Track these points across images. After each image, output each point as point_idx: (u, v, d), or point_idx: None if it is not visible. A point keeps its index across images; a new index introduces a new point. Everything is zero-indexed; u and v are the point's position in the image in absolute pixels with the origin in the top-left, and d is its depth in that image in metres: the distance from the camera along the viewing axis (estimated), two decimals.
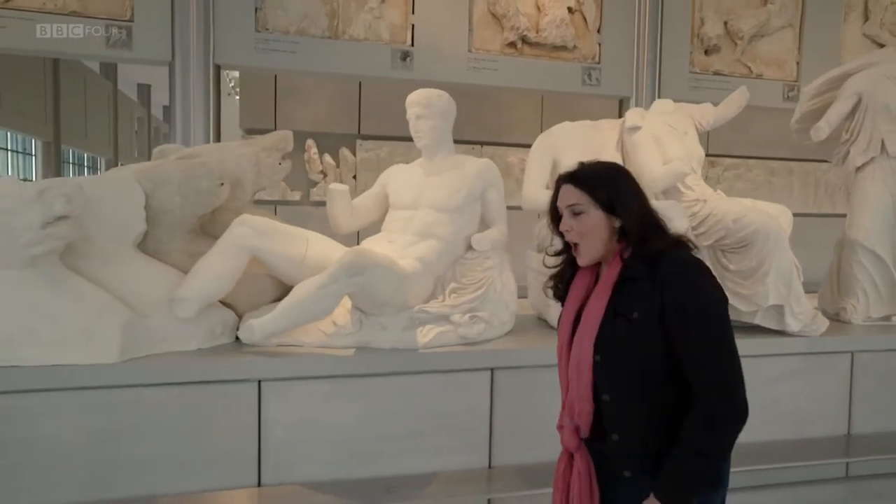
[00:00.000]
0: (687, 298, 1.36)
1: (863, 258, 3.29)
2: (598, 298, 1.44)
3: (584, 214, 1.47)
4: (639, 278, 1.41)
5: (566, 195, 1.50)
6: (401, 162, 8.37)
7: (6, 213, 2.09)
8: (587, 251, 1.48)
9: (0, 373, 2.19)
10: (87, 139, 14.80)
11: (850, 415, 3.16)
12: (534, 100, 8.90)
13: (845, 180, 8.06)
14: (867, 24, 5.87)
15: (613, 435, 1.42)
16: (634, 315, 1.38)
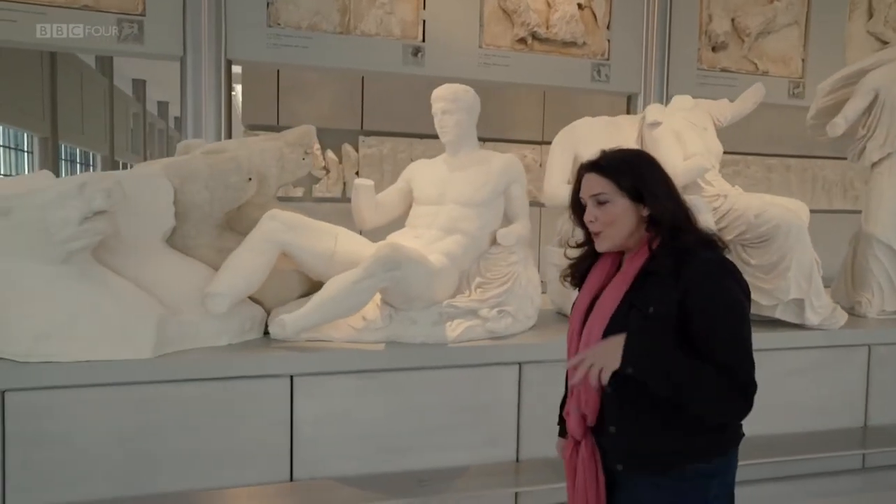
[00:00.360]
0: (717, 301, 1.34)
1: (878, 252, 3.34)
2: (615, 289, 1.42)
3: (609, 204, 1.43)
4: (661, 273, 1.37)
5: (590, 184, 1.46)
6: (403, 157, 8.33)
7: (42, 209, 2.08)
8: (609, 238, 1.44)
9: (36, 369, 2.19)
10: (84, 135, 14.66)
11: (866, 407, 3.20)
12: (536, 96, 8.92)
13: (842, 176, 8.13)
14: (871, 21, 5.92)
15: (611, 427, 1.41)
16: (650, 310, 1.36)
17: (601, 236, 1.45)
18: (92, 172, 2.51)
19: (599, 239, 1.46)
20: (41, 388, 2.20)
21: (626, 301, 1.39)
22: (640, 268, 1.41)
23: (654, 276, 1.38)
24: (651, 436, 1.38)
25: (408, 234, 2.88)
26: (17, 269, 2.19)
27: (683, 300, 1.34)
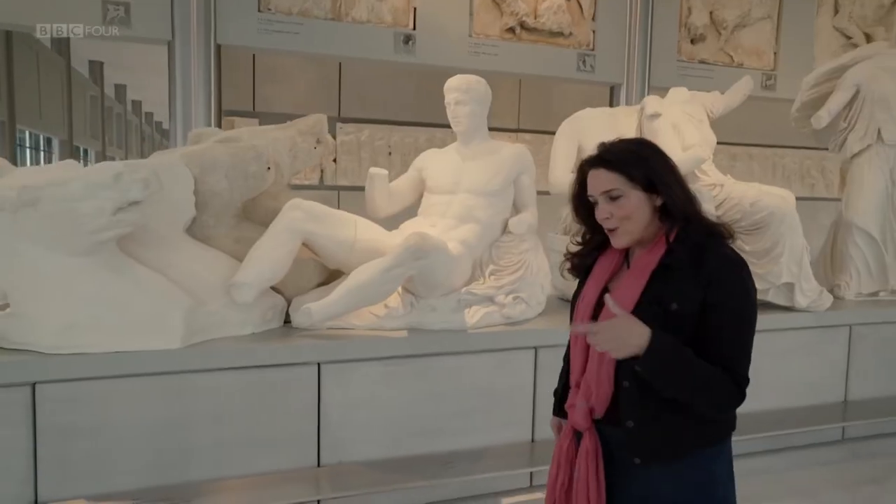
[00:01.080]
0: (736, 300, 1.34)
1: (858, 238, 3.55)
2: (634, 284, 1.37)
3: (622, 198, 1.37)
4: (679, 268, 1.34)
5: (599, 181, 1.40)
6: (380, 145, 8.31)
7: (73, 200, 2.06)
8: (627, 233, 1.39)
9: (65, 361, 2.17)
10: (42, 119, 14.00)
11: (847, 383, 3.43)
12: (512, 84, 8.99)
13: (800, 165, 8.50)
14: (837, 16, 6.19)
15: (628, 422, 1.36)
16: (673, 307, 1.32)
17: (619, 232, 1.40)
18: (126, 162, 2.45)
19: (617, 235, 1.40)
20: (71, 380, 2.19)
21: (646, 296, 1.35)
22: (657, 261, 1.37)
23: (671, 269, 1.35)
24: (669, 428, 1.36)
25: (422, 223, 2.93)
26: (44, 261, 2.16)
27: (705, 297, 1.32)
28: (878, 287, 3.66)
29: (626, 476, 1.40)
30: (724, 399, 1.32)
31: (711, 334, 1.32)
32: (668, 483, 1.37)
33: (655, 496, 1.38)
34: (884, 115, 3.47)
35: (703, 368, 1.29)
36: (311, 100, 7.96)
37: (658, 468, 1.37)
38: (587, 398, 1.41)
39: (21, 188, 2.04)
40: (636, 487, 1.39)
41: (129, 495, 2.23)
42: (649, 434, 1.36)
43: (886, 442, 3.37)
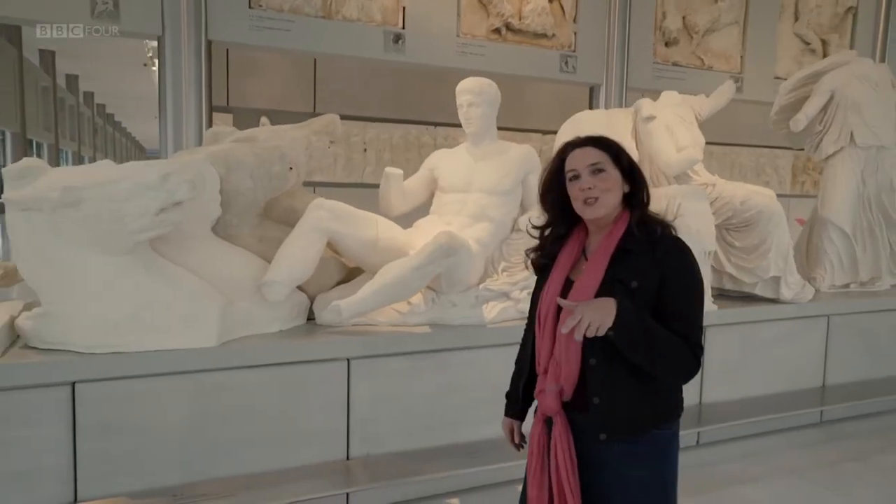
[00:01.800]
0: (687, 277, 1.46)
1: (832, 234, 3.82)
2: (596, 266, 1.47)
3: (605, 172, 1.47)
4: (636, 251, 1.46)
5: (586, 155, 1.49)
6: (356, 141, 8.36)
7: (117, 200, 2.06)
8: (603, 206, 1.48)
9: (105, 360, 2.19)
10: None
11: (825, 369, 3.69)
12: None
13: (756, 162, 8.95)
14: (797, 23, 6.53)
15: (594, 398, 1.44)
16: (633, 284, 1.42)
17: (597, 203, 1.47)
18: (172, 162, 2.44)
19: (596, 206, 1.47)
20: (110, 379, 2.20)
21: (609, 276, 1.45)
22: (617, 244, 1.47)
23: (628, 253, 1.46)
24: (632, 402, 1.45)
25: (437, 221, 3.01)
26: (80, 261, 2.16)
27: (662, 274, 1.44)
28: (850, 279, 3.94)
29: (590, 458, 1.47)
30: (684, 365, 1.42)
31: (669, 309, 1.43)
32: (627, 459, 1.46)
33: (616, 472, 1.46)
34: (856, 120, 3.74)
35: (664, 332, 1.40)
36: (287, 95, 7.94)
37: (619, 445, 1.45)
38: (557, 379, 1.47)
39: (64, 189, 2.04)
40: (599, 466, 1.47)
41: (169, 491, 2.26)
42: (614, 409, 1.44)
43: (862, 423, 3.65)
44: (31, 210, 2.10)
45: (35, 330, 2.21)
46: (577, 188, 1.49)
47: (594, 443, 1.46)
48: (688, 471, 1.51)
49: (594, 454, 1.47)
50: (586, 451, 1.47)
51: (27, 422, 2.10)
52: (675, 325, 1.42)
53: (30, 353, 2.19)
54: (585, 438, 1.47)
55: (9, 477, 2.09)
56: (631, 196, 1.52)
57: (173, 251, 2.40)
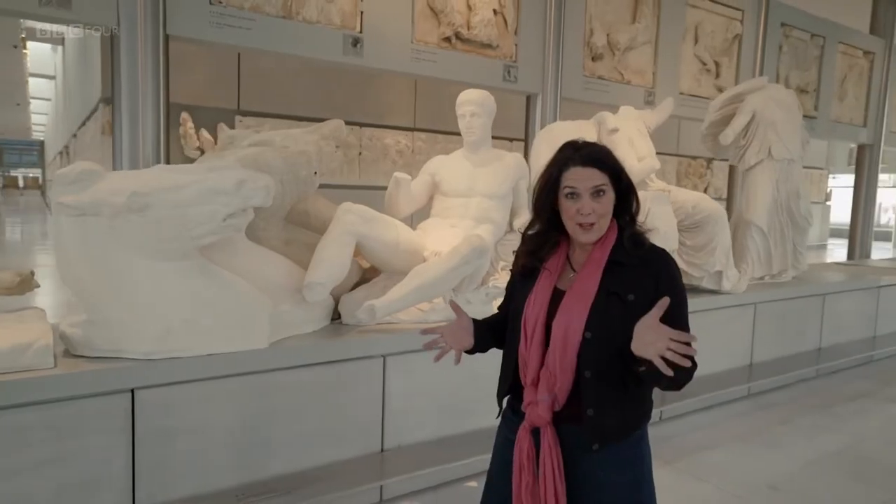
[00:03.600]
0: (679, 289, 1.46)
1: (754, 234, 4.45)
2: (590, 277, 1.45)
3: (604, 196, 1.44)
4: (628, 264, 1.45)
5: (590, 177, 1.43)
6: None
7: (185, 206, 2.08)
8: (599, 230, 1.46)
9: (162, 366, 2.19)
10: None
11: (752, 349, 4.30)
12: (407, 86, 9.35)
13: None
14: (696, 46, 7.33)
15: (589, 410, 1.42)
16: (630, 297, 1.41)
17: (595, 228, 1.45)
18: (245, 169, 2.39)
19: (593, 230, 1.45)
20: (168, 385, 2.20)
21: (603, 288, 1.43)
22: (607, 256, 1.46)
23: (620, 265, 1.44)
24: (621, 411, 1.45)
25: (442, 223, 3.20)
26: (136, 266, 2.14)
27: (656, 287, 1.41)
28: (765, 272, 4.61)
29: (575, 467, 1.46)
30: (687, 374, 1.40)
31: (667, 322, 1.36)
32: (612, 465, 1.46)
33: (603, 479, 1.46)
34: (773, 136, 4.39)
35: None
36: (209, 90, 7.73)
37: (605, 453, 1.44)
38: (550, 389, 1.44)
39: (131, 194, 2.02)
40: (584, 475, 1.46)
41: (229, 493, 2.29)
42: (606, 420, 1.42)
43: (781, 393, 4.31)
44: (87, 215, 2.06)
45: (85, 338, 2.16)
46: (574, 209, 1.44)
47: (582, 453, 1.45)
48: (656, 445, 1.54)
49: (580, 464, 1.45)
50: (572, 461, 1.45)
51: (88, 431, 2.06)
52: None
53: (81, 361, 2.14)
54: (573, 449, 1.45)
55: (71, 487, 2.04)
56: (620, 210, 1.49)
57: (217, 255, 2.41)
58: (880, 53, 8.95)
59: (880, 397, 4.49)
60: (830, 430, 3.80)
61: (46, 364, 2.04)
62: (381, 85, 9.04)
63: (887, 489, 3.07)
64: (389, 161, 9.07)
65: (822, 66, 8.24)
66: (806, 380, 4.63)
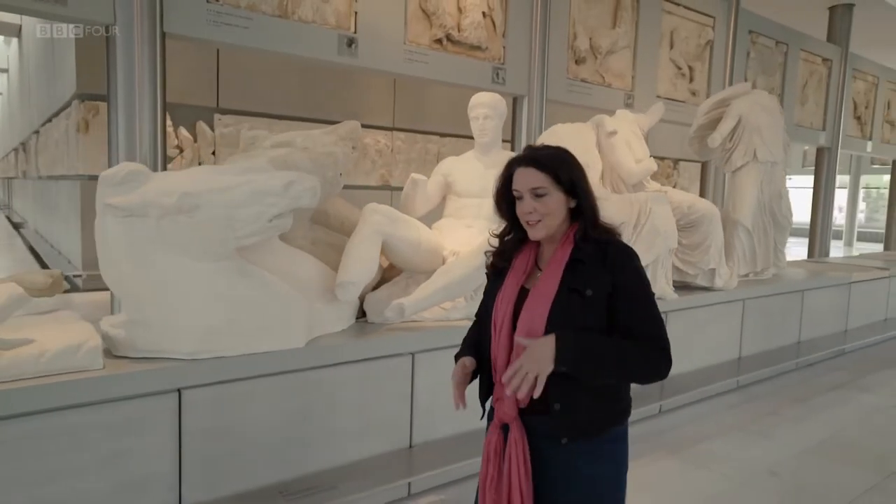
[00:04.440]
0: (637, 280, 1.50)
1: (741, 233, 4.66)
2: (552, 276, 1.48)
3: (546, 196, 1.48)
4: (587, 261, 1.48)
5: (528, 178, 1.49)
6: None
7: (233, 206, 2.10)
8: (545, 227, 1.50)
9: (207, 365, 2.20)
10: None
11: (740, 343, 4.51)
12: (386, 85, 9.36)
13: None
14: (672, 51, 7.58)
15: (555, 404, 1.44)
16: (588, 292, 1.45)
17: (539, 226, 1.49)
18: (292, 171, 2.38)
19: (537, 228, 1.50)
20: (213, 384, 2.22)
21: (563, 286, 1.46)
22: (569, 255, 1.49)
23: (580, 263, 1.48)
24: (590, 406, 1.47)
25: (457, 224, 3.28)
26: (181, 267, 2.15)
27: (613, 280, 1.46)
28: (750, 269, 4.83)
29: (548, 461, 1.48)
30: (655, 366, 1.45)
31: (627, 313, 1.45)
32: (585, 460, 1.48)
33: (575, 474, 1.48)
34: (758, 140, 4.61)
35: (622, 345, 1.42)
36: (188, 88, 7.62)
37: (578, 447, 1.47)
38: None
39: (182, 195, 2.03)
40: (556, 469, 1.48)
41: (272, 489, 2.32)
42: (574, 414, 1.45)
43: (766, 385, 4.52)
44: (134, 216, 2.05)
45: (129, 339, 2.15)
46: (520, 209, 1.51)
47: (554, 445, 1.47)
48: (657, 437, 1.48)
49: (552, 456, 1.48)
50: (544, 453, 1.47)
51: (139, 431, 2.07)
52: (638, 328, 1.45)
53: (125, 362, 2.14)
54: (544, 441, 1.47)
55: (125, 486, 2.05)
56: (577, 210, 1.53)
57: (254, 255, 2.43)
58: (837, 60, 9.39)
59: (854, 388, 4.76)
60: (814, 420, 4.02)
61: (96, 365, 2.03)
62: (361, 84, 9.03)
63: (875, 472, 3.28)
64: (369, 161, 9.07)
65: (786, 71, 8.60)
66: (787, 372, 4.87)
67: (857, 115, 10.27)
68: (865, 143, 10.61)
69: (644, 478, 3.04)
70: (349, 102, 8.93)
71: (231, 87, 8.00)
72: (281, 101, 8.33)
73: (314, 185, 2.19)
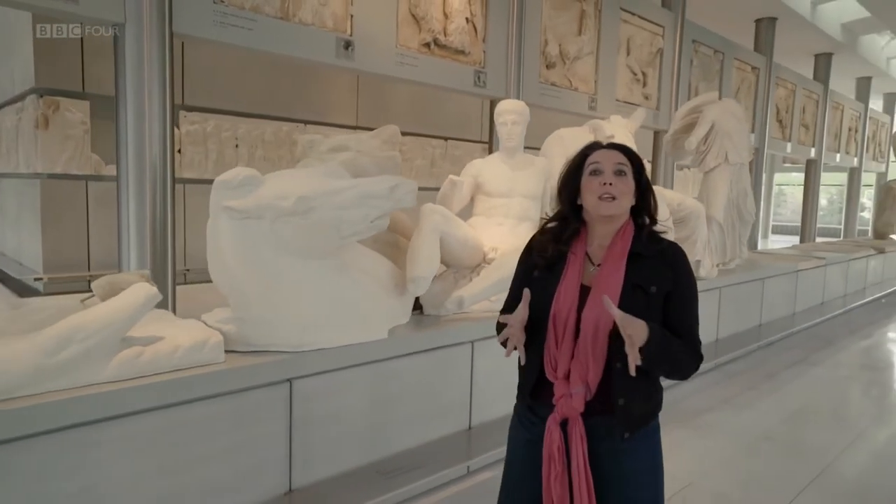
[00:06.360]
0: (691, 281, 1.53)
1: (714, 228, 5.15)
2: (616, 270, 1.47)
3: (626, 176, 1.49)
4: (647, 255, 1.48)
5: (614, 156, 1.51)
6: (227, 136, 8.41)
7: (342, 208, 2.25)
8: (618, 205, 1.48)
9: (311, 357, 2.36)
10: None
11: (717, 327, 4.99)
12: (349, 83, 9.44)
13: None
14: (628, 57, 8.10)
15: (620, 399, 1.45)
16: (652, 289, 1.45)
17: (614, 202, 1.48)
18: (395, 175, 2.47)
19: (612, 204, 1.48)
20: (318, 374, 2.37)
21: (628, 281, 1.46)
22: (629, 247, 1.49)
23: (640, 257, 1.48)
24: (645, 399, 1.49)
25: (489, 222, 3.52)
26: (287, 266, 2.29)
27: (674, 278, 1.48)
28: (720, 260, 5.34)
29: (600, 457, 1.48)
30: (692, 365, 1.50)
31: (678, 312, 1.48)
32: (636, 453, 1.51)
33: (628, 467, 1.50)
34: (729, 144, 5.11)
35: (678, 343, 1.45)
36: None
37: (629, 443, 1.49)
38: (583, 381, 1.46)
39: (298, 199, 2.18)
40: (609, 466, 1.49)
41: (367, 469, 2.49)
42: (635, 408, 1.47)
43: (740, 363, 5.04)
44: (250, 218, 2.17)
45: (240, 334, 2.27)
46: (597, 182, 1.49)
47: (608, 444, 1.48)
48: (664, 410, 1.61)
49: (605, 455, 1.49)
50: (597, 453, 1.48)
51: (258, 419, 2.21)
52: (681, 327, 1.48)
53: (236, 356, 2.25)
54: (598, 440, 1.48)
55: (240, 474, 2.18)
56: (638, 209, 1.55)
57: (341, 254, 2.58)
58: (763, 69, 10.23)
59: (806, 363, 5.35)
60: (785, 391, 4.54)
61: (219, 359, 2.15)
62: (325, 82, 9.07)
63: (850, 432, 3.79)
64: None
65: (722, 78, 9.32)
66: (752, 351, 5.42)
67: (779, 118, 11.22)
68: (786, 144, 11.62)
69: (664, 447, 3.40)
70: (313, 101, 8.97)
71: (196, 85, 7.87)
72: (246, 98, 8.27)
73: (414, 188, 2.37)
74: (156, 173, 3.55)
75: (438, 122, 10.09)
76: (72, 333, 1.80)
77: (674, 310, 1.48)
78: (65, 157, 7.13)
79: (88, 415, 1.79)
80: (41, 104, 6.89)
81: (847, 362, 5.35)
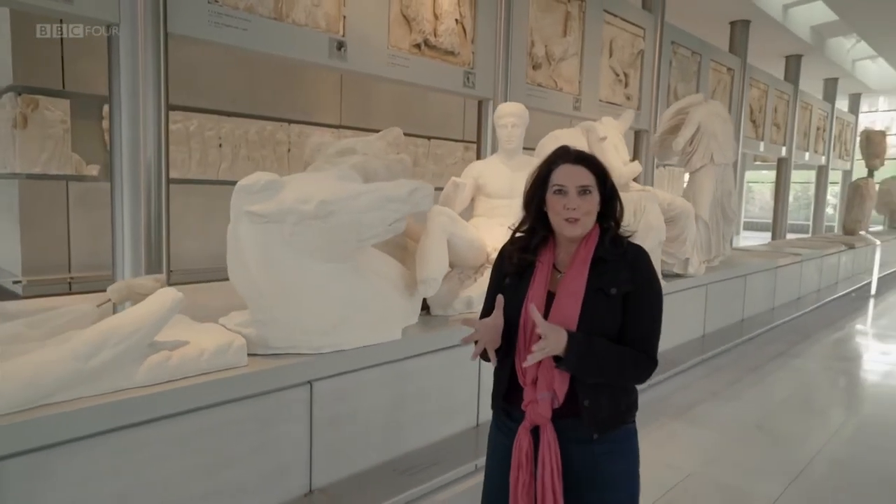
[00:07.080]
0: (651, 282, 1.53)
1: (701, 227, 5.29)
2: (579, 276, 1.49)
3: (590, 195, 1.50)
4: (609, 259, 1.50)
5: (577, 175, 1.50)
6: (210, 135, 8.35)
7: (360, 212, 2.29)
8: (583, 226, 1.50)
9: (330, 358, 2.39)
10: None
11: (704, 322, 5.13)
12: (333, 82, 9.42)
13: None
14: (611, 59, 8.24)
15: (585, 401, 1.46)
16: (612, 291, 1.47)
17: (578, 224, 1.50)
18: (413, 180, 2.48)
19: (577, 225, 1.50)
20: (336, 375, 2.40)
21: (590, 285, 1.48)
22: (592, 253, 1.51)
23: (603, 261, 1.50)
24: (612, 400, 1.50)
25: (491, 222, 3.59)
26: (306, 269, 2.31)
27: (633, 278, 1.50)
28: (705, 257, 5.48)
29: (572, 462, 1.49)
30: (642, 371, 1.50)
31: (633, 314, 1.48)
32: (609, 456, 1.51)
33: (598, 472, 1.50)
34: (715, 145, 5.26)
35: (617, 353, 1.46)
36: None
37: (602, 446, 1.49)
38: (549, 387, 1.47)
39: (319, 203, 2.20)
40: (581, 470, 1.49)
41: (384, 468, 2.53)
42: (601, 408, 1.47)
43: (724, 357, 5.19)
44: (271, 222, 2.20)
45: (260, 337, 2.29)
46: (561, 204, 1.50)
47: (581, 446, 1.49)
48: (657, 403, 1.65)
49: (578, 458, 1.49)
50: (570, 456, 1.49)
51: (281, 420, 2.23)
52: (636, 330, 1.49)
53: (257, 359, 2.27)
54: (571, 443, 1.48)
55: (270, 473, 2.20)
56: (603, 214, 1.55)
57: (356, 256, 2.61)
58: (738, 70, 10.47)
59: (787, 355, 5.54)
60: (769, 383, 4.70)
61: (242, 362, 2.17)
62: (308, 81, 9.03)
63: (837, 417, 3.96)
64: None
65: (700, 79, 9.52)
66: (737, 345, 5.59)
67: (752, 118, 11.50)
68: (759, 143, 11.92)
69: (658, 439, 3.51)
70: (298, 100, 8.92)
71: (179, 82, 7.77)
72: (229, 97, 8.19)
73: (432, 192, 2.42)
74: (150, 174, 3.54)
75: (421, 121, 10.12)
76: (105, 338, 1.81)
77: (631, 310, 1.49)
78: (44, 157, 6.98)
79: (126, 419, 1.81)
80: (19, 102, 6.74)
81: (823, 354, 5.56)
